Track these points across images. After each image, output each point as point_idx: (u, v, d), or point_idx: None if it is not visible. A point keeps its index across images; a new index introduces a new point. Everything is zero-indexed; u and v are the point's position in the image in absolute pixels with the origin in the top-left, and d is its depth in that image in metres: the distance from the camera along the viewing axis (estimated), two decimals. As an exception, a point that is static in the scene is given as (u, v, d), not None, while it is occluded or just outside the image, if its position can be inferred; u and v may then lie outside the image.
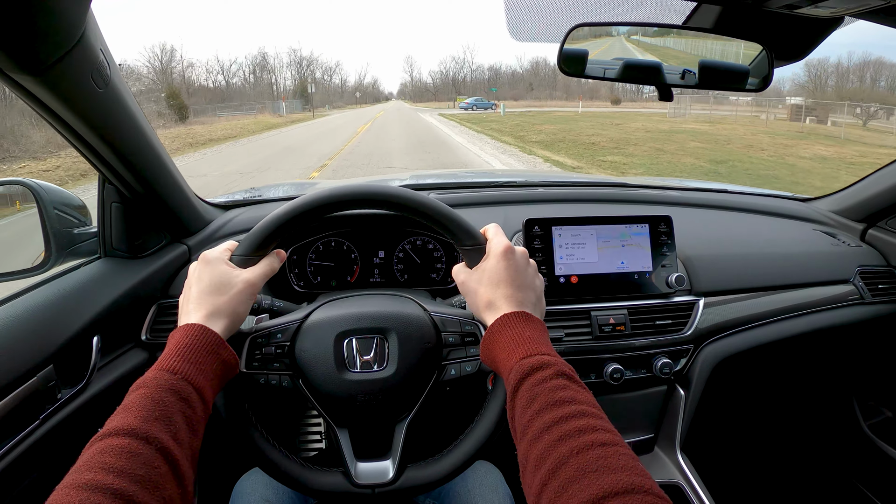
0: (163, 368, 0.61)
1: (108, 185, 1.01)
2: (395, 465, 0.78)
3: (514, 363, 0.63)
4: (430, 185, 1.55)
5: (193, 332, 0.65)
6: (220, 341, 0.67)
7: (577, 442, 0.51)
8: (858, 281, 1.42)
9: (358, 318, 0.80)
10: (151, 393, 0.57)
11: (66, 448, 0.89)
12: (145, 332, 1.07)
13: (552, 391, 0.58)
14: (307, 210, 0.76)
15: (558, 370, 0.61)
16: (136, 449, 0.51)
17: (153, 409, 0.56)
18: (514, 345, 0.65)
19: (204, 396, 0.62)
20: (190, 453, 0.57)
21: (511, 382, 0.62)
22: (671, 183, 1.79)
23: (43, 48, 0.64)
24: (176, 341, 0.65)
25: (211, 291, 0.70)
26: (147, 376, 0.60)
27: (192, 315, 0.69)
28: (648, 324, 1.17)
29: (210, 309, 0.69)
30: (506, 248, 0.74)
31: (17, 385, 0.79)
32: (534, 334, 0.66)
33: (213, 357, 0.65)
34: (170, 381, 0.59)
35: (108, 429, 0.54)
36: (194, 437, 0.59)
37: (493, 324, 0.69)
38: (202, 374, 0.63)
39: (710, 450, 1.48)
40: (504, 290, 0.71)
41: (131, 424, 0.53)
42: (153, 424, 0.54)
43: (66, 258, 1.02)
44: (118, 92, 0.82)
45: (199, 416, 0.60)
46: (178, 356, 0.62)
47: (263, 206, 1.38)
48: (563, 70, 0.88)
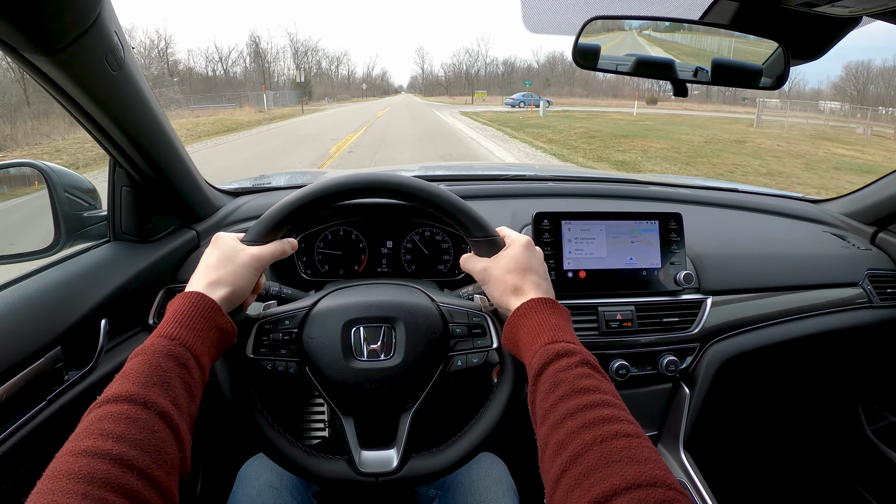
0: (160, 335, 0.61)
1: (118, 169, 1.01)
2: (399, 454, 0.78)
3: (539, 347, 0.63)
4: (440, 177, 1.54)
5: (191, 299, 0.66)
6: (218, 309, 0.67)
7: (600, 431, 0.51)
8: (867, 284, 1.41)
9: (366, 306, 0.80)
10: (149, 359, 0.58)
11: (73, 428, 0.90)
12: (153, 317, 1.07)
13: (576, 378, 0.58)
14: (318, 197, 0.76)
15: (583, 358, 0.61)
16: (135, 414, 0.52)
17: (151, 375, 0.56)
18: (540, 329, 0.65)
19: (201, 362, 0.62)
20: (188, 418, 0.58)
21: (534, 366, 0.62)
22: (681, 181, 1.78)
23: (58, 28, 0.64)
24: (174, 308, 0.65)
25: (216, 265, 0.71)
26: (145, 343, 0.60)
27: (194, 285, 0.69)
28: (655, 321, 1.16)
29: (212, 278, 0.69)
30: (528, 240, 0.75)
31: (25, 366, 0.79)
32: (560, 321, 0.67)
33: (209, 324, 0.65)
34: (168, 347, 0.60)
35: (107, 395, 0.54)
36: (192, 402, 0.59)
37: (520, 307, 0.69)
38: (199, 340, 0.63)
39: (713, 448, 1.48)
40: (532, 277, 0.72)
41: (130, 390, 0.54)
42: (152, 389, 0.55)
43: (76, 241, 1.02)
44: (131, 75, 0.82)
45: (196, 381, 0.61)
46: (175, 322, 0.63)
47: (273, 193, 1.39)
48: (577, 63, 0.88)
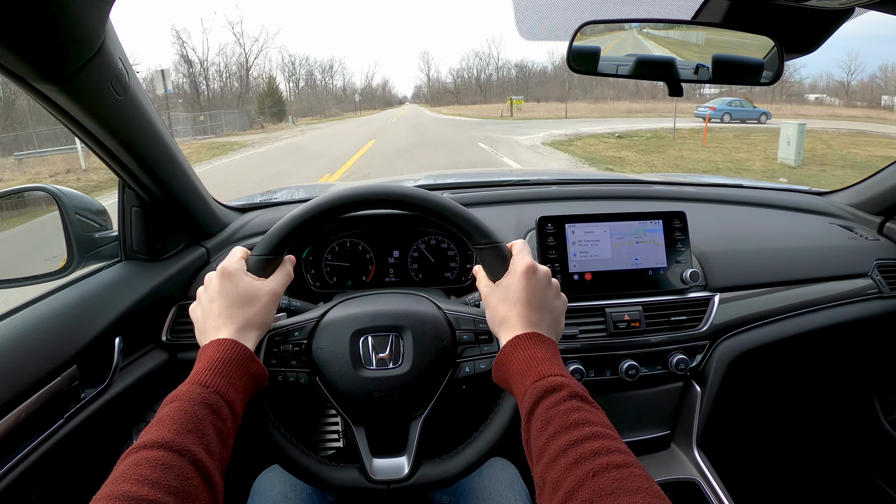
0: (195, 382, 0.62)
1: (128, 190, 1.03)
2: (410, 461, 0.79)
3: (528, 386, 0.64)
4: (444, 185, 1.56)
5: (225, 346, 0.67)
6: (251, 355, 0.69)
7: (592, 464, 0.52)
8: (876, 274, 1.40)
9: (373, 316, 0.81)
10: (184, 406, 0.59)
11: (91, 445, 0.92)
12: (166, 333, 1.09)
13: (566, 413, 0.59)
14: (323, 211, 0.77)
15: (571, 391, 0.62)
16: (170, 461, 0.53)
17: (186, 422, 0.57)
18: (527, 367, 0.66)
19: (234, 409, 0.64)
20: (220, 465, 0.59)
21: (525, 406, 0.63)
22: (685, 178, 1.78)
23: (64, 58, 0.66)
24: (209, 356, 0.66)
25: (239, 305, 0.72)
26: (180, 390, 0.62)
27: (222, 330, 0.70)
28: (663, 320, 1.16)
29: (241, 323, 0.71)
30: (528, 267, 0.74)
31: (42, 384, 0.81)
32: (546, 355, 0.67)
33: (243, 371, 0.67)
34: (202, 395, 0.61)
35: (143, 441, 0.55)
36: (224, 448, 0.61)
37: (506, 346, 0.70)
38: (233, 387, 0.64)
39: (727, 446, 1.47)
40: (519, 309, 0.72)
41: (165, 437, 0.55)
42: (186, 437, 0.56)
43: (88, 262, 1.04)
44: (137, 98, 0.84)
45: (229, 428, 0.62)
46: (210, 370, 0.64)
47: (280, 208, 1.40)
48: (572, 68, 0.88)
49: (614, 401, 1.21)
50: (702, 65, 0.93)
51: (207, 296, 0.74)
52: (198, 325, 0.75)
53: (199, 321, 0.74)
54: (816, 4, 0.81)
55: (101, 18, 0.67)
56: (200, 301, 0.75)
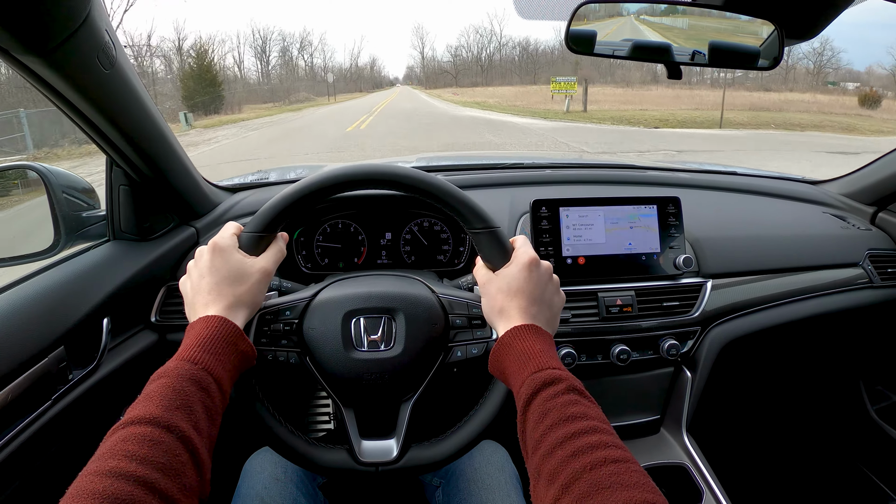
0: (184, 359, 0.62)
1: (115, 168, 1.01)
2: (399, 444, 0.79)
3: (526, 377, 0.64)
4: (439, 167, 1.54)
5: (214, 323, 0.66)
6: (240, 333, 0.68)
7: (590, 458, 0.52)
8: (868, 264, 1.41)
9: (366, 297, 0.81)
10: (173, 382, 0.58)
11: (79, 427, 0.91)
12: (154, 314, 1.08)
13: (564, 406, 0.59)
14: (316, 189, 0.76)
15: (569, 385, 0.62)
16: (159, 437, 0.52)
17: (174, 399, 0.57)
18: (525, 358, 0.66)
19: (222, 387, 0.63)
20: (208, 442, 0.58)
21: (522, 396, 0.63)
22: (680, 165, 1.78)
23: (48, 28, 0.64)
24: (197, 332, 0.65)
25: (229, 282, 0.71)
26: (168, 366, 0.61)
27: (211, 307, 0.69)
28: (656, 305, 1.16)
29: (230, 300, 0.70)
30: (531, 259, 0.74)
31: (29, 366, 0.80)
32: (543, 347, 0.67)
33: (231, 348, 0.66)
34: (191, 371, 0.60)
35: (131, 417, 0.54)
36: (212, 426, 0.60)
37: (503, 336, 0.70)
38: (221, 364, 0.64)
39: (716, 432, 1.48)
40: (519, 301, 0.72)
41: (153, 413, 0.54)
42: (175, 413, 0.55)
43: (76, 241, 1.03)
44: (124, 73, 0.82)
45: (217, 405, 0.61)
46: (198, 347, 0.63)
47: (271, 188, 1.39)
48: (570, 48, 0.87)
49: (605, 385, 1.22)
50: (698, 51, 0.92)
51: (198, 271, 0.73)
52: (187, 299, 0.73)
53: (189, 295, 0.73)
54: None
55: None
56: (190, 275, 0.74)
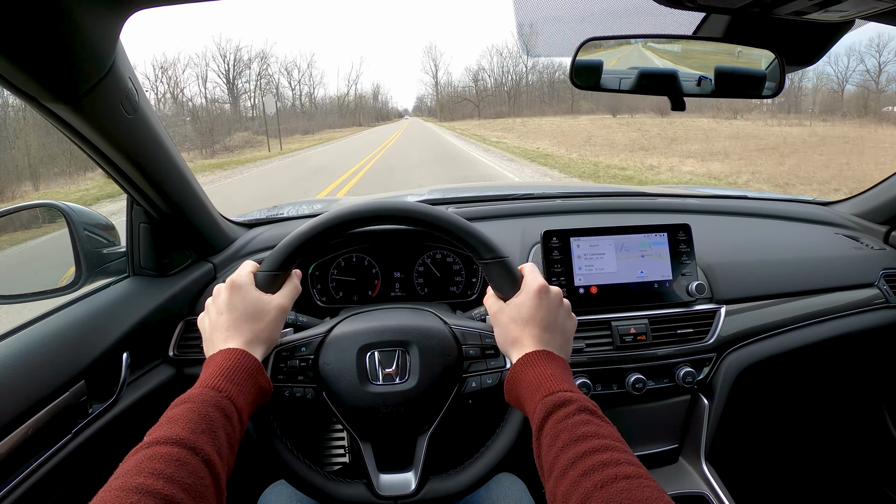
0: (208, 386, 0.63)
1: (136, 207, 1.04)
2: (416, 477, 0.79)
3: (538, 401, 0.64)
4: (449, 200, 1.56)
5: (235, 355, 0.68)
6: (260, 367, 0.70)
7: (601, 476, 0.52)
8: (883, 284, 1.39)
9: (380, 331, 0.82)
10: (198, 407, 0.60)
11: (98, 461, 0.92)
12: (173, 348, 1.10)
13: (575, 427, 0.59)
14: (329, 227, 0.78)
15: (580, 406, 0.62)
16: (185, 458, 0.53)
17: (200, 423, 0.58)
18: (538, 383, 0.66)
19: (242, 417, 0.64)
20: (227, 469, 0.59)
21: (535, 421, 0.63)
22: (689, 191, 1.78)
23: (75, 78, 0.67)
24: (218, 363, 0.67)
25: (247, 319, 0.72)
26: (192, 392, 0.62)
27: (231, 341, 0.71)
28: (670, 333, 1.16)
29: (249, 336, 0.71)
30: (540, 286, 0.75)
31: (50, 400, 0.82)
32: (556, 371, 0.67)
33: (252, 381, 0.67)
34: (215, 399, 0.61)
35: (157, 437, 0.55)
36: (231, 454, 0.61)
37: (517, 363, 0.70)
38: (242, 395, 0.65)
39: (736, 459, 1.46)
40: (532, 329, 0.72)
41: (180, 434, 0.55)
42: (200, 437, 0.56)
43: (96, 277, 1.06)
44: (146, 117, 0.85)
45: (236, 434, 0.63)
46: (222, 376, 0.64)
47: (286, 223, 1.41)
48: (575, 84, 0.89)
49: (621, 414, 1.21)
50: (704, 76, 0.94)
51: (216, 308, 0.75)
52: (205, 335, 0.75)
53: (207, 331, 0.75)
54: (816, 18, 0.82)
55: (111, 40, 0.69)
56: (209, 312, 0.76)
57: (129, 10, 0.66)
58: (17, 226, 1.22)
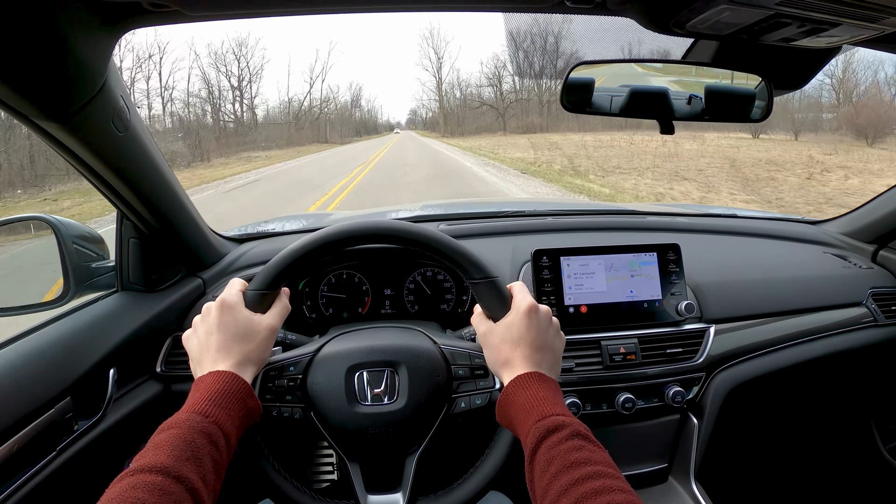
0: (194, 411, 0.62)
1: (125, 221, 1.03)
2: (405, 497, 0.78)
3: (531, 426, 0.64)
4: (440, 216, 1.56)
5: (225, 378, 0.67)
6: (249, 390, 0.69)
7: (594, 503, 0.53)
8: (871, 303, 1.40)
9: (368, 351, 0.81)
10: (184, 434, 0.59)
11: (83, 478, 0.91)
12: (160, 365, 1.09)
13: (568, 452, 0.59)
14: (319, 246, 0.78)
15: (573, 431, 0.62)
16: (168, 487, 0.53)
17: (185, 450, 0.57)
18: (530, 406, 0.66)
19: (230, 441, 0.64)
20: (213, 496, 0.59)
21: (528, 445, 0.63)
22: (679, 209, 1.80)
23: (67, 97, 0.67)
24: (207, 386, 0.66)
25: (238, 339, 0.72)
26: (179, 417, 0.62)
27: (220, 363, 0.70)
28: (659, 352, 1.16)
29: (239, 357, 0.71)
30: (530, 306, 0.75)
31: (35, 416, 0.81)
32: (548, 394, 0.67)
33: (241, 404, 0.67)
34: (201, 424, 0.61)
35: (141, 465, 0.55)
36: (217, 480, 0.60)
37: (509, 385, 0.70)
38: (230, 420, 0.64)
39: (726, 478, 1.45)
40: (522, 349, 0.72)
41: (164, 463, 0.55)
42: (184, 465, 0.56)
43: (85, 291, 1.05)
44: (137, 134, 0.85)
45: (223, 460, 0.62)
46: (210, 401, 0.64)
47: (276, 238, 1.41)
48: (566, 108, 0.90)
49: (611, 434, 1.20)
50: (695, 95, 0.94)
51: (205, 327, 0.73)
52: (192, 355, 0.74)
53: (195, 351, 0.74)
54: (803, 45, 0.83)
55: (103, 59, 0.69)
56: (197, 331, 0.75)
57: (123, 30, 0.66)
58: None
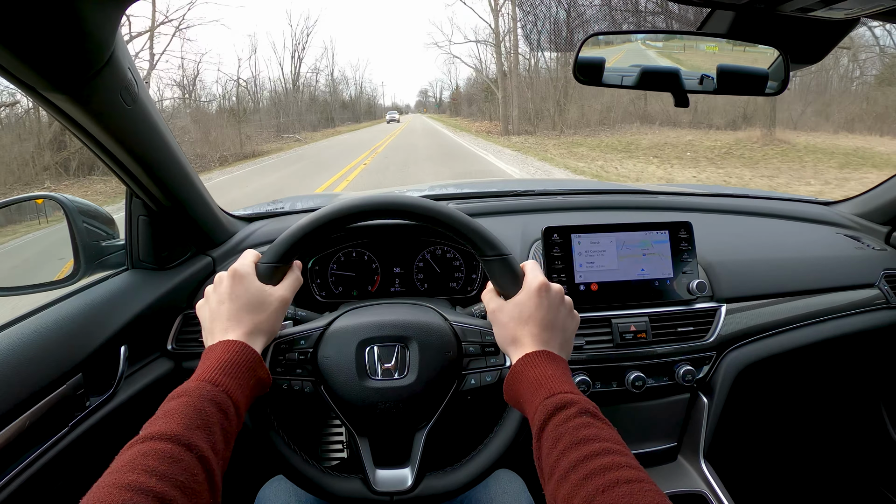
0: (205, 380, 0.62)
1: (135, 199, 1.03)
2: (413, 473, 0.78)
3: (538, 403, 0.64)
4: (450, 195, 1.56)
5: (235, 348, 0.67)
6: (259, 359, 0.69)
7: (602, 480, 0.52)
8: (884, 285, 1.39)
9: (380, 326, 0.81)
10: (194, 402, 0.59)
11: (95, 454, 0.92)
12: (171, 342, 1.09)
13: (576, 430, 0.59)
14: (331, 220, 0.77)
15: (581, 408, 0.62)
16: (179, 455, 0.53)
17: (195, 418, 0.57)
18: (538, 384, 0.66)
19: (239, 411, 0.64)
20: (222, 465, 0.59)
21: (536, 423, 0.63)
22: (691, 189, 1.78)
23: (74, 68, 0.66)
24: (217, 355, 0.66)
25: (249, 309, 0.72)
26: (189, 385, 0.62)
27: (231, 332, 0.70)
28: (670, 331, 1.16)
29: (250, 327, 0.71)
30: (541, 284, 0.74)
31: (47, 392, 0.81)
32: (556, 372, 0.67)
33: (251, 374, 0.67)
34: (211, 393, 0.61)
35: (151, 432, 0.55)
36: (227, 449, 0.61)
37: (517, 363, 0.70)
38: (240, 388, 0.64)
39: (735, 458, 1.46)
40: (531, 328, 0.72)
41: (174, 430, 0.55)
42: (195, 433, 0.56)
43: (95, 270, 1.05)
44: (145, 108, 0.85)
45: (233, 428, 0.62)
46: (219, 369, 0.64)
47: (286, 217, 1.41)
48: (578, 79, 0.89)
49: (621, 412, 1.21)
50: (706, 75, 0.93)
51: (217, 296, 0.74)
52: (204, 324, 0.74)
53: (206, 320, 0.74)
54: (821, 15, 0.81)
55: (111, 29, 0.68)
56: (209, 300, 0.75)
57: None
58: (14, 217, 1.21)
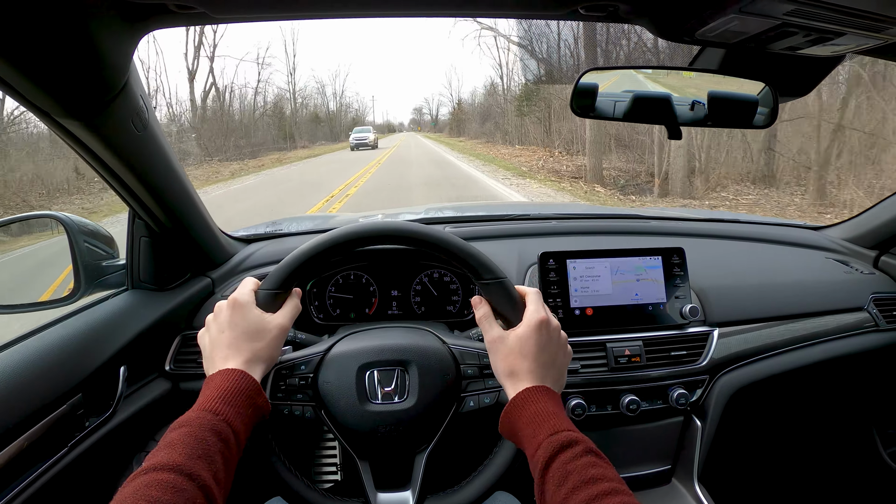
0: (205, 409, 0.63)
1: (137, 221, 1.05)
2: (415, 495, 0.79)
3: (542, 440, 0.65)
4: (446, 219, 1.57)
5: (234, 377, 0.68)
6: (258, 388, 0.70)
7: None
8: (873, 308, 1.41)
9: (379, 350, 0.82)
10: (195, 432, 0.60)
11: (94, 474, 0.92)
12: (169, 363, 1.10)
13: (584, 469, 0.60)
14: (329, 247, 0.79)
15: (586, 447, 0.63)
16: (181, 485, 0.54)
17: (196, 448, 0.58)
18: (539, 420, 0.67)
19: (239, 439, 0.65)
20: (224, 493, 0.60)
21: (540, 459, 0.64)
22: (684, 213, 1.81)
23: (89, 96, 0.68)
24: (217, 384, 0.67)
25: (248, 338, 0.73)
26: (190, 416, 0.63)
27: (230, 360, 0.71)
28: (663, 355, 1.17)
29: (248, 355, 0.72)
30: (541, 320, 0.75)
31: (48, 412, 0.82)
32: (556, 409, 0.69)
33: (250, 402, 0.68)
34: (212, 422, 0.62)
35: (153, 463, 0.56)
36: (228, 477, 0.62)
37: (516, 398, 0.71)
38: (240, 417, 0.66)
39: (728, 481, 1.46)
40: (530, 363, 0.73)
41: (176, 461, 0.56)
42: (196, 462, 0.57)
43: (95, 289, 1.06)
44: (154, 134, 0.87)
45: (234, 456, 0.63)
46: (220, 399, 0.65)
47: (284, 239, 1.42)
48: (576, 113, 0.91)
49: (615, 435, 1.21)
50: (698, 101, 0.95)
51: (217, 325, 0.75)
52: (205, 352, 0.76)
53: (207, 349, 0.75)
54: (810, 52, 0.85)
55: (126, 58, 0.70)
56: (209, 329, 0.76)
57: (146, 29, 0.68)
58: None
